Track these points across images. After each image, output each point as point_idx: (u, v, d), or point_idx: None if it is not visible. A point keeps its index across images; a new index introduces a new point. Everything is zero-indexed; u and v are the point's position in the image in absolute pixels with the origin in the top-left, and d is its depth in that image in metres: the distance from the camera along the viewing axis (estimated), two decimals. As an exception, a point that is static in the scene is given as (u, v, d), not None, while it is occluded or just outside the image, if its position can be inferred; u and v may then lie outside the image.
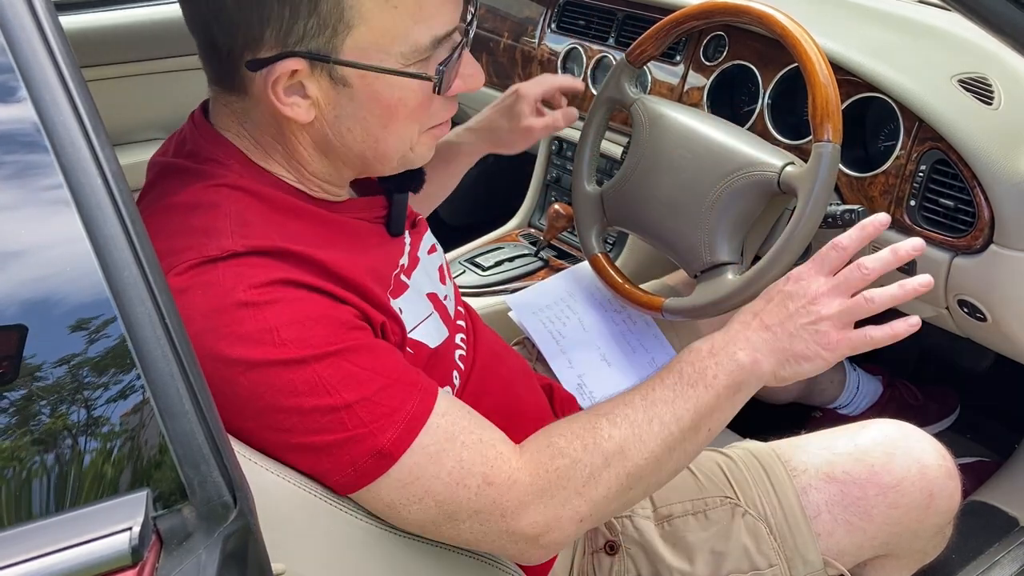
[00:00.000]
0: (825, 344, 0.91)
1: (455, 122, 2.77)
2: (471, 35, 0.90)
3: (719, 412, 0.93)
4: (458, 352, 1.02)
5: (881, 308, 0.91)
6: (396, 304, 0.92)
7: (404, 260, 0.97)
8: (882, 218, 0.94)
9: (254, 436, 0.80)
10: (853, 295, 0.92)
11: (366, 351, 0.82)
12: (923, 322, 1.39)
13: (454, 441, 0.83)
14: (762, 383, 0.94)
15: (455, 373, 1.00)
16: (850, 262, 0.93)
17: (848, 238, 0.93)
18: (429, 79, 0.84)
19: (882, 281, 0.92)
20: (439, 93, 0.86)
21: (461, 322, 1.08)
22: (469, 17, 0.90)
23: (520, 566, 1.02)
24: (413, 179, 0.99)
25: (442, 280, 1.06)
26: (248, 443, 0.80)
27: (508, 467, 0.85)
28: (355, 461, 0.80)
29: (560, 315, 1.36)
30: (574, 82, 1.39)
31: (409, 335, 0.93)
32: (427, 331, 0.96)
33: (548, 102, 1.38)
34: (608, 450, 0.88)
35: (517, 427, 1.06)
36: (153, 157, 0.94)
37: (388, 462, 0.81)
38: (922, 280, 0.91)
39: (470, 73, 0.89)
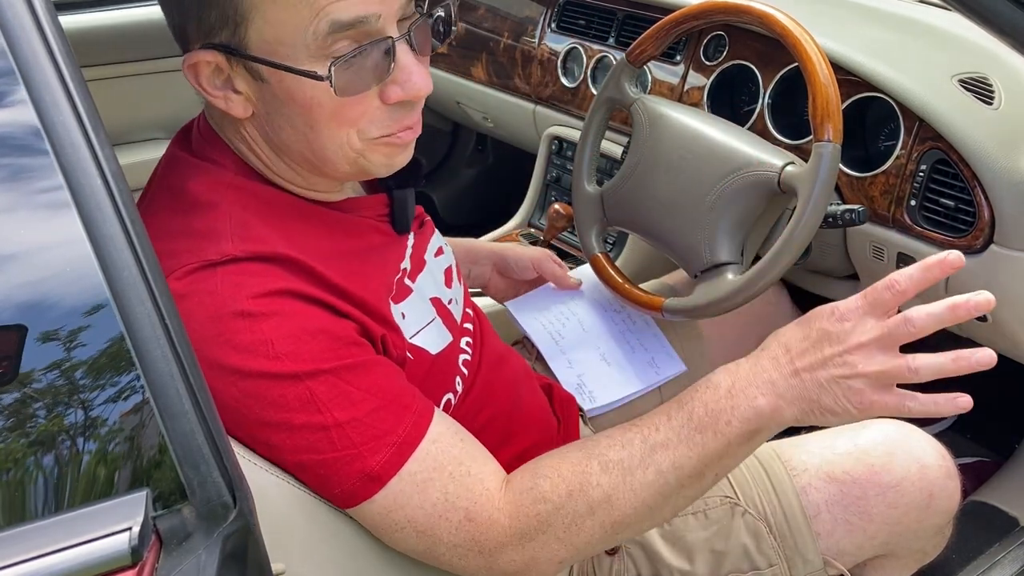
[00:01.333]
0: (857, 403, 0.81)
1: (457, 124, 2.75)
2: (418, 37, 0.82)
3: (728, 459, 0.85)
4: (463, 357, 1.02)
5: (921, 334, 0.80)
6: (398, 309, 0.92)
7: (406, 264, 0.96)
8: (953, 259, 0.80)
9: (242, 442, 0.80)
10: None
11: (362, 370, 0.81)
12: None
13: (442, 471, 0.82)
14: (782, 428, 0.85)
15: (458, 379, 0.99)
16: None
17: (908, 279, 0.80)
18: (318, 77, 0.77)
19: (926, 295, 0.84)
20: (338, 94, 0.78)
21: (469, 325, 1.06)
22: (417, 17, 0.83)
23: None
24: (411, 175, 0.97)
25: (448, 283, 1.05)
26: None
27: (491, 506, 0.83)
28: (343, 482, 0.80)
29: (560, 316, 1.36)
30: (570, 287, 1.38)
31: (410, 341, 0.92)
32: (429, 337, 0.95)
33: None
34: (594, 499, 0.83)
35: (519, 431, 1.06)
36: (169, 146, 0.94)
37: (376, 485, 0.80)
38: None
39: (406, 78, 0.80)
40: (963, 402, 0.81)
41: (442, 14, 0.87)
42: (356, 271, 0.86)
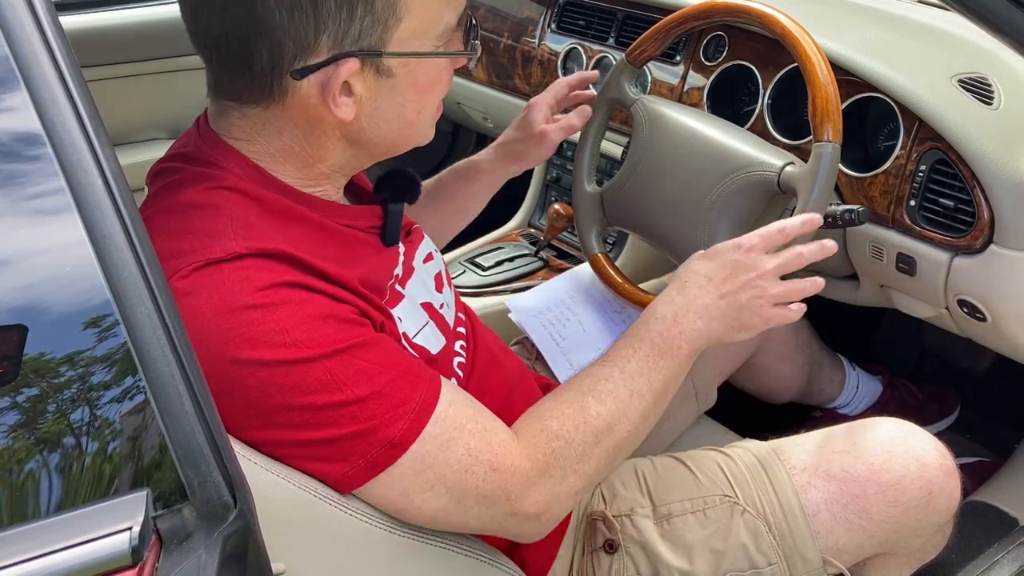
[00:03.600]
0: (764, 319, 1.02)
1: (457, 124, 2.74)
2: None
3: (680, 376, 1.01)
4: (457, 359, 1.03)
5: (806, 263, 1.02)
6: (394, 313, 0.93)
7: (398, 270, 0.97)
8: (816, 219, 1.04)
9: (263, 434, 0.80)
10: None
11: (372, 346, 0.84)
12: (923, 322, 1.40)
13: (462, 430, 0.86)
14: (708, 346, 1.03)
15: (452, 381, 1.00)
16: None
17: (793, 226, 1.03)
18: (467, 55, 0.92)
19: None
20: (468, 63, 0.93)
21: (461, 329, 1.08)
22: None
23: (520, 566, 1.03)
24: (409, 190, 1.00)
25: (439, 288, 1.06)
26: (256, 442, 0.80)
27: (510, 453, 0.88)
28: (366, 452, 0.82)
29: (560, 317, 1.36)
30: (582, 75, 1.33)
31: (412, 340, 0.94)
32: (426, 339, 0.96)
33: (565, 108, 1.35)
34: (598, 428, 0.94)
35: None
36: (153, 165, 0.94)
37: (398, 452, 0.82)
38: (826, 244, 1.03)
39: (473, 48, 0.96)
40: (819, 281, 1.03)
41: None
42: (350, 272, 0.87)
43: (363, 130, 0.89)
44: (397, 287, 0.96)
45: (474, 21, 0.94)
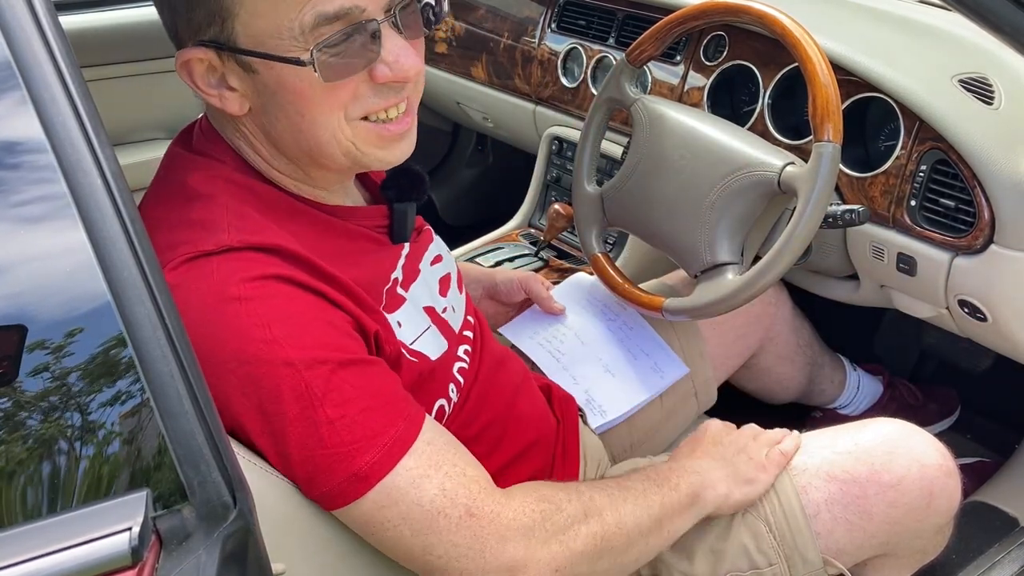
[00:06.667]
0: (759, 466, 1.07)
1: (457, 124, 2.74)
2: (406, 21, 0.83)
3: (678, 517, 0.99)
4: (458, 365, 1.01)
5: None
6: (393, 318, 0.92)
7: (397, 274, 0.96)
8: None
9: (250, 429, 0.79)
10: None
11: (358, 368, 0.81)
12: (923, 322, 1.40)
13: (438, 469, 0.82)
14: (717, 503, 1.03)
15: (452, 386, 0.99)
16: None
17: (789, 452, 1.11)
18: (301, 63, 0.78)
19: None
20: (324, 80, 0.79)
21: (468, 333, 1.06)
22: (402, 3, 0.83)
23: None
24: (414, 189, 0.98)
25: (443, 292, 1.04)
26: (249, 441, 0.80)
27: (493, 501, 0.84)
28: (330, 481, 0.79)
29: (556, 333, 1.34)
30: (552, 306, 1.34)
31: (410, 346, 0.92)
32: (426, 344, 0.95)
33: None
34: (589, 507, 0.91)
35: (516, 433, 1.06)
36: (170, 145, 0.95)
37: (364, 486, 0.79)
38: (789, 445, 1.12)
39: (394, 59, 0.82)
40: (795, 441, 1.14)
41: (432, 1, 0.88)
42: (346, 272, 0.87)
43: (267, 130, 0.86)
44: (398, 290, 0.95)
45: (372, 38, 0.80)
